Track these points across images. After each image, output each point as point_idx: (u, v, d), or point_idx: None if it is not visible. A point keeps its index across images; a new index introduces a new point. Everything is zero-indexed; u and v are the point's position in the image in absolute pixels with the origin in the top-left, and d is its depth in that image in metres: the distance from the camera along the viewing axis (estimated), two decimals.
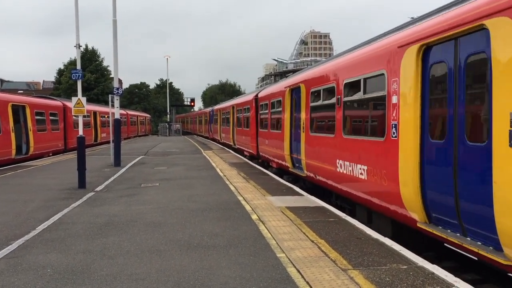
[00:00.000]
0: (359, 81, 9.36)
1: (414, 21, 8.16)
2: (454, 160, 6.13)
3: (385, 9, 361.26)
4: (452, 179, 6.17)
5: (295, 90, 14.67)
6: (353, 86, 9.78)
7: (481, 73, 5.75)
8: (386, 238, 7.47)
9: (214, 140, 44.54)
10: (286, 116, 15.35)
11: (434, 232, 6.58)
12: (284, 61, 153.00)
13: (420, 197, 6.89)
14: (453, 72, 6.21)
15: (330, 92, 11.07)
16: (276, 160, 17.41)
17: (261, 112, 20.80)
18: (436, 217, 6.68)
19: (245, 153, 25.28)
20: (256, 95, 22.38)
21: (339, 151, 10.29)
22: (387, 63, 8.00)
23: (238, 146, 28.03)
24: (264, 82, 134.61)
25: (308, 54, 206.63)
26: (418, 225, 7.01)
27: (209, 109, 52.96)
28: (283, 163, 16.05)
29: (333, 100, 10.73)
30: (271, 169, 18.54)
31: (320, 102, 11.97)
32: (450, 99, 6.28)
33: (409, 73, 7.15)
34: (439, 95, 6.70)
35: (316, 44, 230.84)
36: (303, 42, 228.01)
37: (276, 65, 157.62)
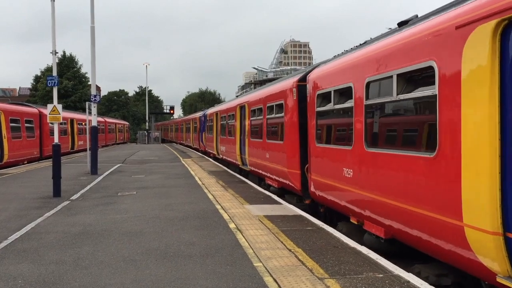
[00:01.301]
0: None
1: None
2: None
3: (365, 19, 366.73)
4: None
5: None
6: None
7: None
8: (363, 246, 7.49)
9: (206, 153, 34.45)
10: (482, 114, 5.07)
11: None
12: (264, 70, 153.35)
13: None
14: None
15: None
16: (394, 223, 7.01)
17: (320, 109, 10.37)
18: None
19: (269, 182, 14.94)
20: (303, 78, 11.79)
21: None
22: None
23: (253, 168, 17.58)
24: (244, 90, 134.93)
25: (288, 63, 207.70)
26: None
27: (199, 113, 41.41)
28: (449, 246, 5.70)
29: None
30: (349, 230, 9.13)
31: None
32: None
33: None
34: None
35: (296, 53, 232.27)
36: (283, 51, 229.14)
37: (256, 74, 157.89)
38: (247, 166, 18.65)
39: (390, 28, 8.76)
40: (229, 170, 21.69)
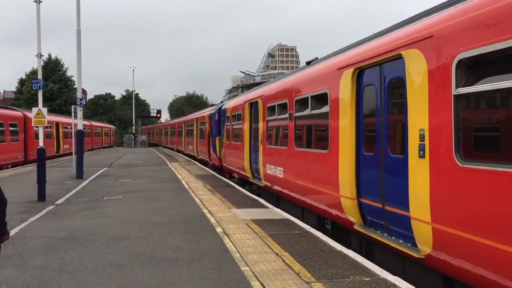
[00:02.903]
0: None
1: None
2: None
3: (352, 24, 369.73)
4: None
5: None
6: None
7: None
8: (350, 250, 7.52)
9: (218, 169, 23.00)
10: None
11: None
12: (252, 74, 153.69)
13: None
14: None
15: None
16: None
17: None
18: None
19: None
20: None
21: None
22: None
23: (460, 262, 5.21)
24: (232, 94, 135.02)
25: (275, 66, 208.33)
26: None
27: (209, 109, 27.92)
28: None
29: None
30: None
31: None
32: None
33: None
34: None
35: (283, 57, 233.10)
36: (270, 55, 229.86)
37: (243, 78, 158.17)
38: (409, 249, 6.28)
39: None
40: (216, 174, 21.57)
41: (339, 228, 9.07)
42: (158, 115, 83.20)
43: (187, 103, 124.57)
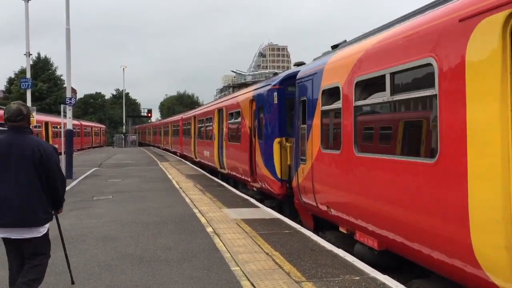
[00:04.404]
0: None
1: None
2: None
3: (340, 25, 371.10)
4: None
5: None
6: None
7: None
8: (340, 249, 7.54)
9: (270, 198, 12.90)
10: None
11: None
12: (243, 73, 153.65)
13: None
14: None
15: None
16: None
17: None
18: None
19: None
20: None
21: None
22: None
23: None
24: (223, 93, 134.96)
25: (266, 66, 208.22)
26: None
27: (251, 89, 14.95)
28: None
29: None
30: None
31: None
32: None
33: None
34: None
35: (274, 56, 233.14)
36: (261, 55, 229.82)
37: (234, 77, 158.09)
38: None
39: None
40: (207, 174, 21.55)
41: None
42: (149, 115, 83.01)
43: (178, 103, 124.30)
